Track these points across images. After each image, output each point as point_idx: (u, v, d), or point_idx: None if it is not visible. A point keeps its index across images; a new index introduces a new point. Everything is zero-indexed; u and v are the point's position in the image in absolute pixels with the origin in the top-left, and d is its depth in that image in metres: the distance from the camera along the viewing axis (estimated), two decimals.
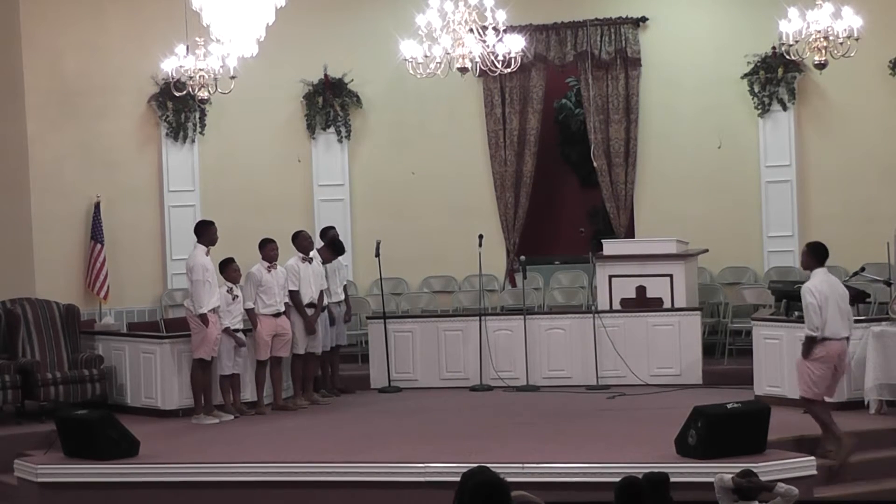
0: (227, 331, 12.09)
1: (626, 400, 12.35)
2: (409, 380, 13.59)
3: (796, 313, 11.75)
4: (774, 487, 7.13)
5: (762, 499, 7.05)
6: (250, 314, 12.33)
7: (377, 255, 13.74)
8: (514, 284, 15.24)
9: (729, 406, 9.64)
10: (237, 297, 12.23)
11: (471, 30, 11.09)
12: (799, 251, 14.51)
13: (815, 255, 10.18)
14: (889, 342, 10.87)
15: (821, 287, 9.91)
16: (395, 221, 15.40)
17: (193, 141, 15.36)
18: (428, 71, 11.41)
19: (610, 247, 14.04)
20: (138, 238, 15.30)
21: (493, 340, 13.47)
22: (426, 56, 11.32)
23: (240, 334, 12.23)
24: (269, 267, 12.45)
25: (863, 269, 12.46)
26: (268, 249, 12.52)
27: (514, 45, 11.28)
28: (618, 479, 6.43)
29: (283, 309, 12.45)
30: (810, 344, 9.83)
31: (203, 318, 11.83)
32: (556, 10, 15.32)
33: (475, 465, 7.01)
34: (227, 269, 12.26)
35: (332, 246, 13.35)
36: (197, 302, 11.90)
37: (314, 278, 12.82)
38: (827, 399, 10.15)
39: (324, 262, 13.15)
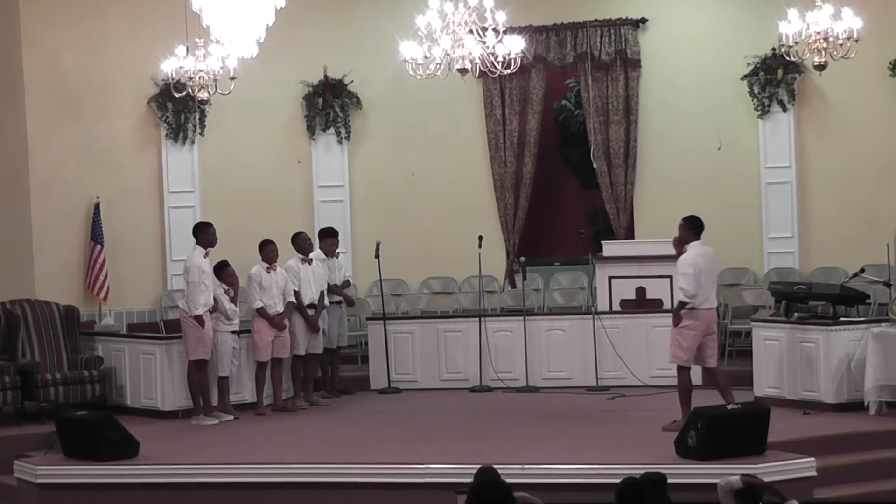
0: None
1: (626, 401, 12.35)
2: (408, 381, 13.59)
3: (796, 314, 11.79)
4: (787, 501, 6.95)
5: (767, 501, 6.96)
6: (262, 313, 12.33)
7: (377, 256, 13.74)
8: (513, 285, 15.24)
9: (729, 407, 9.65)
10: (232, 299, 12.24)
11: (470, 31, 11.09)
12: (799, 252, 14.64)
13: (692, 228, 10.76)
14: (889, 343, 10.87)
15: (697, 259, 10.52)
16: (395, 222, 15.40)
17: (193, 142, 15.36)
18: (428, 72, 11.41)
19: (610, 248, 14.05)
20: (138, 239, 15.31)
21: (493, 341, 13.47)
22: (426, 57, 11.32)
23: (235, 336, 12.23)
24: (268, 268, 12.45)
25: (863, 270, 12.44)
26: (267, 251, 12.52)
27: (514, 46, 11.28)
28: (618, 480, 6.42)
29: (281, 310, 12.45)
30: (680, 309, 10.46)
31: (198, 319, 11.83)
32: (556, 11, 15.33)
33: (484, 464, 7.04)
34: (223, 272, 12.25)
35: (323, 234, 13.29)
36: (192, 303, 11.90)
37: (314, 279, 12.83)
38: (712, 366, 10.72)
39: (328, 256, 13.16)
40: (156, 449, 10.52)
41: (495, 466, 7.09)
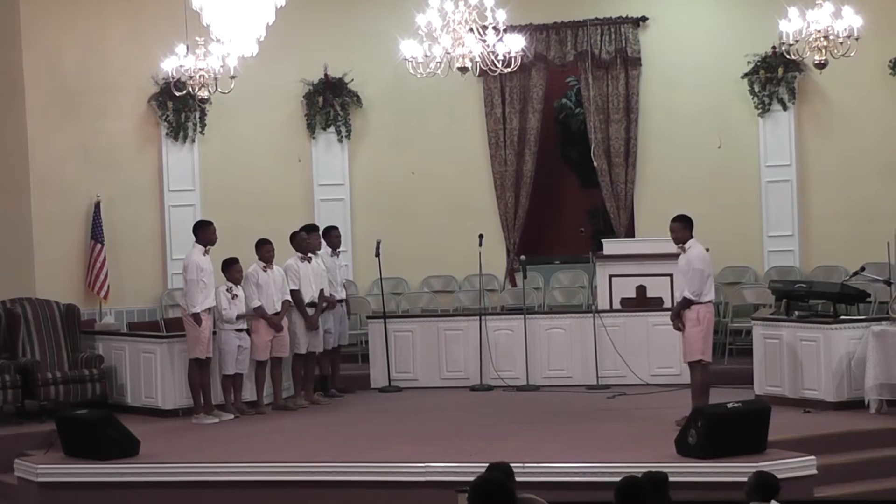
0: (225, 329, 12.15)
1: (627, 400, 12.35)
2: (409, 380, 13.59)
3: (797, 313, 11.79)
4: None
5: None
6: (260, 312, 12.32)
7: (377, 254, 13.75)
8: (514, 284, 15.24)
9: (729, 406, 9.64)
10: (237, 296, 12.23)
11: (471, 29, 11.08)
12: (799, 251, 14.63)
13: (689, 227, 10.80)
14: (889, 342, 10.87)
15: (705, 256, 10.67)
16: (395, 221, 15.39)
17: (193, 141, 15.36)
18: (428, 70, 11.40)
19: (610, 246, 14.04)
20: (138, 238, 15.31)
21: (494, 340, 13.47)
22: (426, 56, 11.30)
23: (243, 334, 12.25)
24: (265, 267, 12.46)
25: (863, 269, 12.45)
26: (264, 251, 12.52)
27: (515, 44, 11.27)
28: (618, 479, 6.42)
29: (279, 309, 12.45)
30: (686, 307, 10.53)
31: (196, 318, 11.83)
32: (557, 10, 15.32)
33: (485, 463, 7.02)
34: (230, 269, 12.26)
35: (309, 229, 13.21)
36: (190, 301, 11.91)
37: (314, 277, 12.83)
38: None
39: (329, 246, 13.18)
40: (156, 448, 10.52)
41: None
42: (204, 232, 12.20)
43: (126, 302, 15.12)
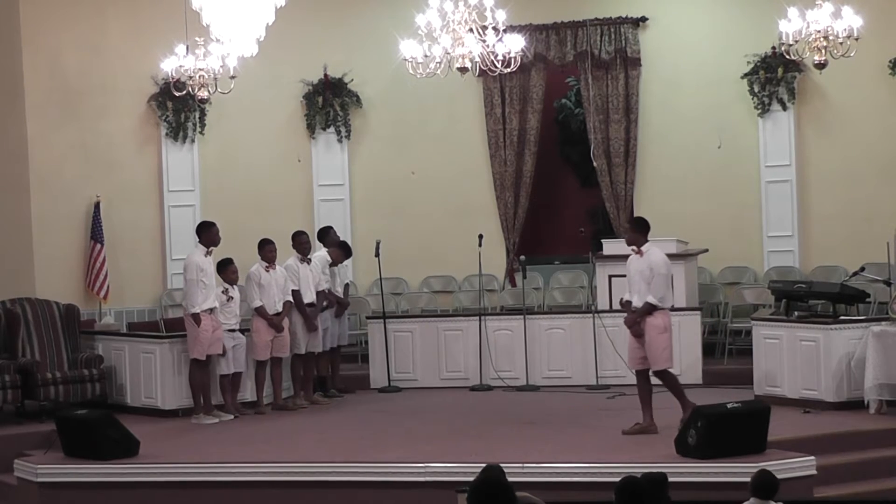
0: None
1: (626, 400, 12.30)
2: (409, 380, 13.59)
3: (797, 313, 11.79)
4: None
5: None
6: (261, 312, 12.32)
7: (377, 255, 13.76)
8: (514, 284, 15.24)
9: (729, 406, 9.64)
10: (232, 297, 12.23)
11: (470, 29, 11.08)
12: (799, 251, 14.63)
13: (642, 230, 10.63)
14: (889, 342, 10.87)
15: (667, 260, 10.52)
16: (395, 221, 15.40)
17: (193, 141, 15.37)
18: (428, 71, 11.40)
19: (610, 246, 14.03)
20: (138, 238, 15.31)
21: (493, 340, 13.47)
22: (426, 56, 11.30)
23: (237, 333, 12.24)
24: (267, 267, 12.46)
25: (863, 269, 12.46)
26: (266, 250, 12.53)
27: (514, 44, 11.27)
28: (618, 479, 6.42)
29: (280, 309, 12.45)
30: (649, 312, 10.32)
31: (195, 318, 11.83)
32: (556, 10, 15.32)
33: (490, 463, 7.04)
34: (226, 270, 12.26)
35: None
36: (189, 301, 11.93)
37: (313, 278, 12.84)
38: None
39: (333, 264, 13.20)
40: (156, 448, 10.53)
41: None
42: (207, 233, 12.20)
43: (126, 302, 15.13)
